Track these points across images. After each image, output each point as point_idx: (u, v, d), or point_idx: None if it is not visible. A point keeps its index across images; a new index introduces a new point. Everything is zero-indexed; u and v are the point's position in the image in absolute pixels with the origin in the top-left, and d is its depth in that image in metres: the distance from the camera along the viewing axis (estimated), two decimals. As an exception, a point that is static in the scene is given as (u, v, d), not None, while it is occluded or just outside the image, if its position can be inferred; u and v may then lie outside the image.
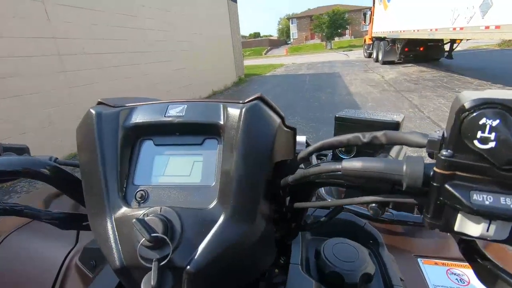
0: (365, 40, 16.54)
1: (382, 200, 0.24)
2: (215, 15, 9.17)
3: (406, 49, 10.64)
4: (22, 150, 0.39)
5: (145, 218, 0.29)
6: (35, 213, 0.38)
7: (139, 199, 0.33)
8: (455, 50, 9.79)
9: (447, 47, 9.85)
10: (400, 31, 9.73)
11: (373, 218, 0.61)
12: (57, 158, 0.37)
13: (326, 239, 0.53)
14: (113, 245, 0.31)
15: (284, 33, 68.36)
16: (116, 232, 0.31)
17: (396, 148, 0.32)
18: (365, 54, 16.84)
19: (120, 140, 0.35)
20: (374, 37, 13.51)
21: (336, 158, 0.31)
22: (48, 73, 3.79)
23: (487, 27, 5.30)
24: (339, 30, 41.37)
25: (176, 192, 0.33)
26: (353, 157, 0.31)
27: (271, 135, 0.32)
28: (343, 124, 0.31)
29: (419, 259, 0.59)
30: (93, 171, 0.33)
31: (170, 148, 0.36)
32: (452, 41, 9.19)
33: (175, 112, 0.35)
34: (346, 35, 49.88)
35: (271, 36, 79.06)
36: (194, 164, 0.35)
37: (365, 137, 0.27)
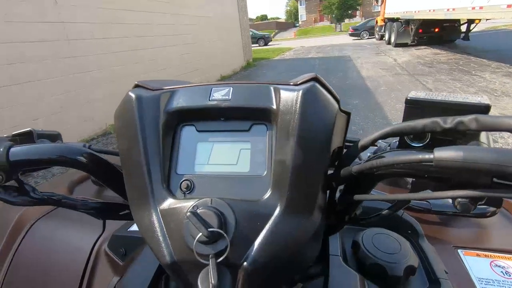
0: (377, 22, 15.96)
1: (480, 195, 0.21)
2: (223, -4, 8.93)
3: (420, 31, 10.22)
4: (55, 137, 0.37)
5: (198, 211, 0.26)
6: (73, 203, 0.36)
7: (185, 190, 0.31)
8: (472, 31, 9.37)
9: (463, 28, 9.43)
10: (415, 11, 9.33)
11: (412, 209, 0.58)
12: (90, 145, 0.35)
13: (362, 228, 0.51)
14: (161, 238, 0.29)
15: (292, 15, 66.54)
16: (163, 225, 0.29)
17: (483, 135, 0.28)
18: (377, 36, 16.31)
19: (162, 126, 0.32)
20: (386, 18, 13.00)
21: (404, 146, 0.28)
22: (57, 58, 3.77)
23: (509, 6, 5.02)
24: (349, 12, 39.94)
25: (223, 182, 0.31)
26: (427, 144, 0.28)
27: (331, 120, 0.29)
28: (415, 108, 0.27)
29: (459, 250, 0.56)
30: (135, 159, 0.31)
31: (213, 135, 0.33)
32: (470, 22, 8.77)
33: (221, 96, 0.32)
34: (357, 17, 48.23)
35: (278, 18, 77.04)
36: (240, 152, 0.32)
37: (446, 122, 0.24)
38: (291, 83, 0.32)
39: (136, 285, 0.42)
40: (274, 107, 0.30)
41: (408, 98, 0.28)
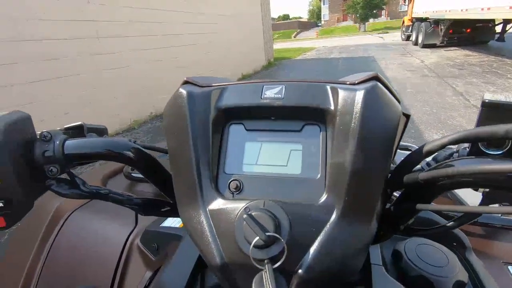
0: (403, 22, 15.40)
1: None
2: (246, -4, 8.95)
3: (450, 31, 9.76)
4: (102, 131, 0.38)
5: (252, 214, 0.25)
6: (119, 198, 0.37)
7: (234, 190, 0.30)
8: (507, 31, 8.83)
9: (498, 28, 8.90)
10: (446, 10, 8.93)
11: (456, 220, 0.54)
12: (136, 141, 0.35)
13: (403, 238, 0.48)
14: (211, 239, 0.28)
15: (315, 14, 65.72)
16: (213, 226, 0.28)
17: None
18: (403, 37, 15.74)
19: (212, 123, 0.31)
20: (414, 17, 12.53)
21: (477, 153, 0.26)
22: (87, 55, 3.92)
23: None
24: (375, 11, 38.82)
25: (273, 183, 0.30)
26: (507, 152, 0.25)
27: (395, 123, 0.27)
28: (492, 111, 0.25)
29: (510, 267, 0.52)
30: (184, 156, 0.31)
31: (262, 134, 0.32)
32: (506, 22, 8.27)
33: (273, 94, 0.31)
34: (382, 16, 46.89)
35: (300, 18, 76.35)
36: (291, 153, 0.31)
37: None
38: (348, 82, 0.30)
39: (173, 284, 0.42)
40: (332, 107, 0.29)
41: (486, 100, 0.25)
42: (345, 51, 13.99)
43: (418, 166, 0.30)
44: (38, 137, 0.31)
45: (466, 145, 0.28)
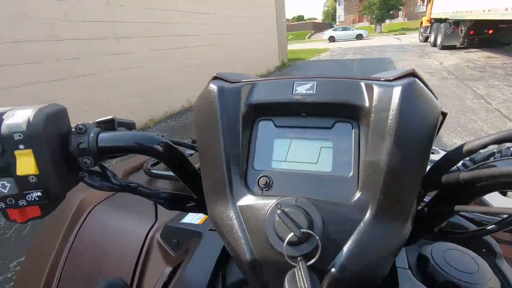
0: (421, 22, 15.04)
1: None
2: (261, -3, 8.97)
3: (471, 32, 9.45)
4: (131, 126, 0.39)
5: (285, 210, 0.25)
6: (147, 192, 0.37)
7: (263, 186, 0.30)
8: (533, 33, 8.48)
9: (523, 30, 8.56)
10: (467, 11, 8.65)
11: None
12: (163, 136, 0.36)
13: (428, 242, 0.47)
14: (241, 235, 0.28)
15: (330, 15, 65.12)
16: (243, 222, 0.28)
17: None
18: (421, 38, 15.38)
19: (242, 119, 0.31)
20: (433, 18, 12.21)
21: None
22: (106, 55, 4.03)
23: None
24: (391, 12, 38.06)
25: (303, 180, 0.29)
26: None
27: (434, 121, 0.26)
28: None
29: None
30: (214, 151, 0.31)
31: (292, 131, 0.32)
32: (531, 22, 7.94)
33: (304, 90, 0.31)
34: (399, 17, 45.96)
35: (315, 19, 75.84)
36: (321, 150, 0.31)
37: None
38: (382, 79, 0.29)
39: (195, 281, 0.42)
40: (366, 104, 0.28)
41: None
42: (360, 53, 13.79)
43: (453, 167, 0.29)
44: (73, 129, 0.31)
45: (509, 144, 0.27)
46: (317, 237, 0.24)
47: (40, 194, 0.29)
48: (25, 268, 0.76)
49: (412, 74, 0.28)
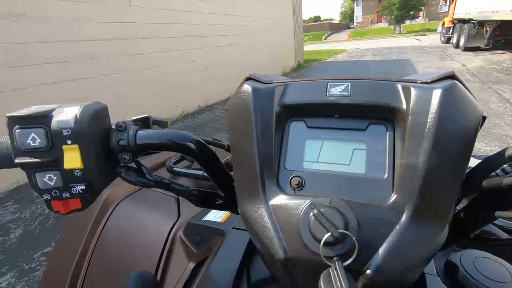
0: (443, 23, 14.57)
1: None
2: (279, -3, 8.96)
3: (497, 33, 9.06)
4: (164, 124, 0.40)
5: (321, 210, 0.25)
6: (179, 188, 0.38)
7: (295, 186, 0.30)
8: None
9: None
10: (493, 11, 8.32)
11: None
12: (193, 134, 0.37)
13: (457, 249, 0.45)
14: (274, 234, 0.28)
15: (347, 16, 64.25)
16: (276, 221, 0.29)
17: None
18: (442, 39, 14.90)
19: (275, 119, 0.32)
20: (456, 19, 11.80)
21: None
22: (126, 55, 4.14)
23: None
24: (412, 12, 37.07)
25: (335, 181, 0.30)
26: None
27: (476, 125, 0.26)
28: None
29: None
30: (247, 151, 0.31)
31: (324, 132, 0.32)
32: None
33: (338, 91, 0.31)
34: (420, 18, 44.75)
35: (332, 20, 75.02)
36: (354, 152, 0.31)
37: None
38: (419, 81, 0.29)
39: (221, 278, 0.43)
40: (403, 106, 0.28)
41: None
42: (379, 54, 13.52)
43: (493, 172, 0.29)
44: (113, 126, 0.33)
45: None
46: (353, 238, 0.24)
47: (84, 187, 0.30)
48: (54, 260, 0.80)
49: (452, 76, 0.28)
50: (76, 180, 0.30)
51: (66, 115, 0.29)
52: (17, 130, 0.28)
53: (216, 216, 0.63)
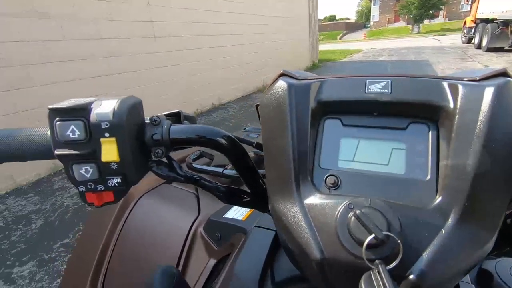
0: (465, 23, 14.09)
1: None
2: (294, -4, 8.90)
3: (523, 33, 8.72)
4: (194, 120, 0.40)
5: (362, 211, 0.25)
6: (207, 184, 0.38)
7: (331, 185, 0.29)
8: None
9: None
10: (519, 10, 7.99)
11: None
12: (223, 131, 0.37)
13: (491, 257, 0.43)
14: (310, 234, 0.27)
15: (364, 15, 63.17)
16: (311, 221, 0.28)
17: None
18: (463, 39, 14.42)
19: (311, 116, 0.31)
20: (478, 18, 11.40)
21: None
22: (144, 53, 4.21)
23: None
24: (431, 12, 36.03)
25: (373, 182, 0.29)
26: None
27: None
28: None
29: None
30: (281, 148, 0.31)
31: (361, 130, 0.31)
32: None
33: (378, 89, 0.30)
34: (439, 17, 43.46)
35: (348, 19, 73.93)
36: (392, 151, 0.30)
37: None
38: (465, 79, 0.28)
39: (246, 276, 0.43)
40: (450, 105, 0.27)
41: None
42: (396, 54, 13.22)
43: None
44: (147, 120, 0.33)
45: None
46: (399, 241, 0.23)
47: (120, 180, 0.31)
48: (76, 255, 0.82)
49: (504, 73, 0.26)
50: (112, 173, 0.30)
51: (104, 108, 0.29)
52: (58, 122, 0.28)
53: (237, 213, 0.63)
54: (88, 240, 0.79)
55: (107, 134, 0.29)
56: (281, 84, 0.32)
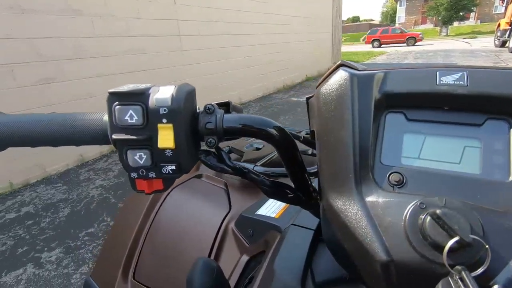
0: (499, 25, 13.37)
1: None
2: (319, -4, 8.79)
3: None
4: (241, 110, 0.39)
5: (438, 212, 0.22)
6: (254, 178, 0.37)
7: (395, 183, 0.27)
8: None
9: None
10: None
11: None
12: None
13: None
14: (373, 234, 0.26)
15: (389, 17, 61.49)
16: (374, 220, 0.26)
17: None
18: (496, 43, 13.69)
19: (373, 109, 0.29)
20: (514, 20, 10.80)
21: None
22: (168, 51, 4.29)
23: None
24: (461, 13, 34.43)
25: (443, 181, 0.26)
26: None
27: None
28: None
29: None
30: (340, 141, 0.29)
31: (427, 126, 0.29)
32: None
33: (452, 81, 0.27)
34: (470, 19, 41.53)
35: (372, 20, 72.22)
36: (465, 149, 0.27)
37: None
38: None
39: (287, 275, 0.41)
40: None
41: None
42: (422, 57, 12.75)
43: None
44: (202, 109, 0.32)
45: None
46: (487, 246, 0.21)
47: (174, 168, 0.30)
48: (108, 244, 0.84)
49: None
50: (166, 160, 0.30)
51: (163, 93, 0.28)
52: (117, 107, 0.28)
53: (269, 211, 0.62)
54: (121, 230, 0.80)
55: (164, 120, 0.28)
56: (342, 74, 0.30)
